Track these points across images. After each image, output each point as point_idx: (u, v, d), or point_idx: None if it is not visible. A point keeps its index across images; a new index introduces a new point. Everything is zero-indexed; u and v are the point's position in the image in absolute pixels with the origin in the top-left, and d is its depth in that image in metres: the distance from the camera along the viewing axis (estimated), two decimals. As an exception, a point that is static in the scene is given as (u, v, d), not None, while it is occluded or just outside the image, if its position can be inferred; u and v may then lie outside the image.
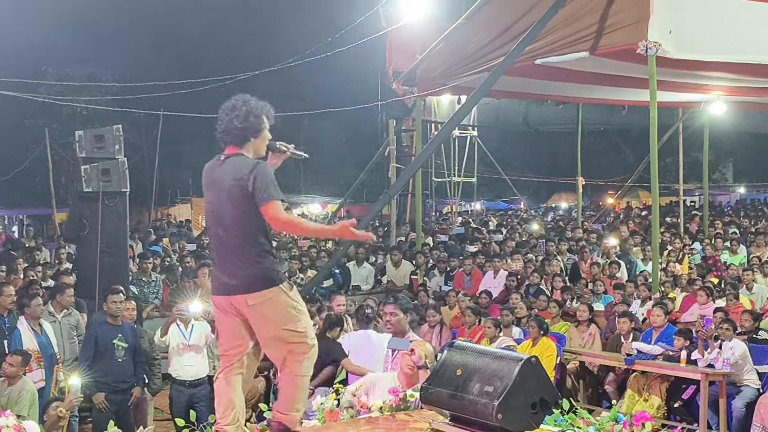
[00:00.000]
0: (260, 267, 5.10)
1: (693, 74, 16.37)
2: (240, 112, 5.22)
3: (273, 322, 5.12)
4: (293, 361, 5.18)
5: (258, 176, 5.04)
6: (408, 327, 7.90)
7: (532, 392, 5.22)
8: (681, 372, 11.03)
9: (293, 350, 5.18)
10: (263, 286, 5.08)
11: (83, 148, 13.01)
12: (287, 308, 5.14)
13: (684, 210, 26.23)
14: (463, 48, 17.05)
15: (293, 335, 5.15)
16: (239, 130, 5.22)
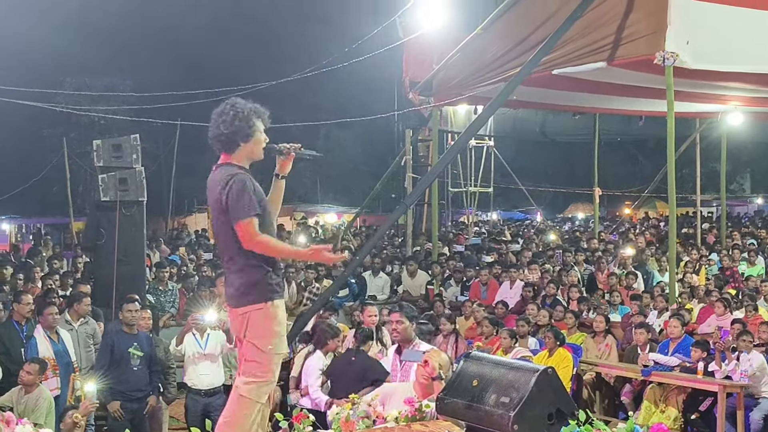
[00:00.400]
0: (247, 280, 5.05)
1: (710, 85, 16.31)
2: (227, 117, 5.12)
3: (248, 333, 5.08)
4: (245, 380, 5.09)
5: (230, 192, 4.97)
6: (414, 335, 7.87)
7: (549, 403, 5.20)
8: (698, 383, 10.97)
9: (249, 369, 5.08)
10: (248, 301, 5.05)
11: (101, 157, 13.06)
12: (264, 326, 5.05)
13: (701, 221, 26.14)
14: (480, 58, 17.04)
15: (256, 353, 5.05)
16: (226, 135, 5.13)
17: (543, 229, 30.24)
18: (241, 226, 4.92)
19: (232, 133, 5.10)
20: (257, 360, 5.04)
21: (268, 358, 5.04)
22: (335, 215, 44.33)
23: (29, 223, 43.51)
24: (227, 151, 5.16)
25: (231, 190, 4.95)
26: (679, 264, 17.51)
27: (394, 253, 21.17)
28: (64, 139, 29.31)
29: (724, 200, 25.75)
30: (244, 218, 4.92)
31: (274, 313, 5.07)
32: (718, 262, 19.06)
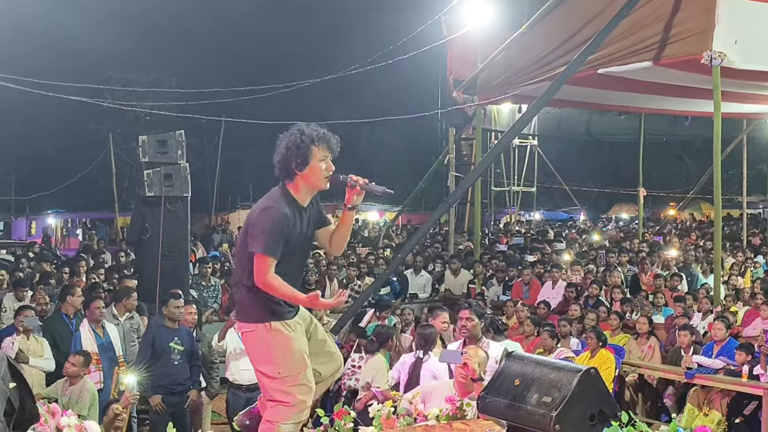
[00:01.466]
0: (252, 298, 4.98)
1: (758, 85, 16.14)
2: (283, 144, 5.04)
3: (251, 355, 5.10)
4: (270, 404, 5.02)
5: (257, 222, 4.92)
6: (481, 333, 7.85)
7: (591, 404, 5.17)
8: (742, 387, 10.85)
9: (271, 393, 5.02)
10: (249, 319, 5.02)
11: (146, 153, 13.17)
12: (264, 347, 4.99)
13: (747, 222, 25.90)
14: (525, 57, 16.99)
15: (267, 379, 5.01)
16: (281, 164, 5.04)
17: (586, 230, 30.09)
18: (258, 260, 4.87)
19: (287, 160, 5.02)
20: (272, 386, 5.00)
21: (283, 383, 4.97)
22: (377, 213, 44.38)
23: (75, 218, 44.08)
24: (285, 179, 5.07)
25: (259, 219, 4.91)
26: (724, 266, 17.34)
27: (436, 252, 21.16)
28: (110, 135, 29.62)
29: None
30: (262, 253, 4.86)
31: (280, 337, 4.99)
32: (764, 265, 18.87)
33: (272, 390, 4.96)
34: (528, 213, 39.95)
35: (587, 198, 42.19)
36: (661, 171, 42.63)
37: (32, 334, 10.19)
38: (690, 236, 26.34)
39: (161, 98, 33.03)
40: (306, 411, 5.01)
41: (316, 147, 5.03)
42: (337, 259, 18.58)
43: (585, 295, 15.20)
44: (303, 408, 4.98)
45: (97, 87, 24.42)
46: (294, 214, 4.99)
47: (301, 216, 5.07)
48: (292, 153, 4.97)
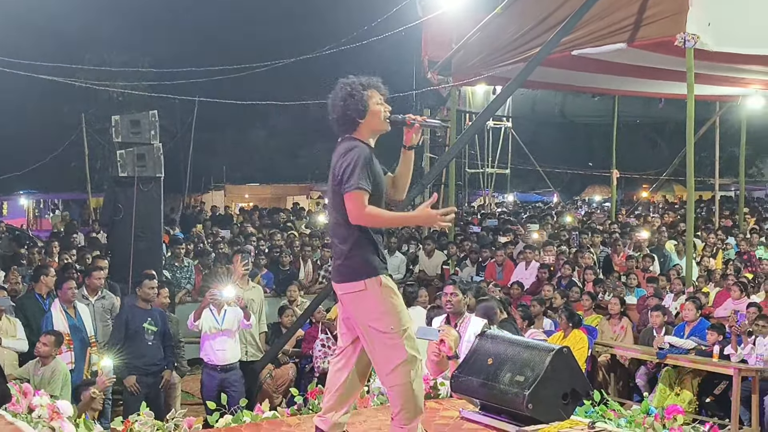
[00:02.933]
0: (352, 256, 4.88)
1: (731, 67, 16.21)
2: (338, 97, 5.00)
3: (359, 317, 4.89)
4: (387, 369, 4.85)
5: (344, 163, 4.85)
6: (465, 308, 7.89)
7: (564, 383, 5.21)
8: (713, 367, 10.95)
9: (387, 354, 4.86)
10: (350, 278, 4.87)
11: (119, 133, 13.10)
12: (374, 304, 4.84)
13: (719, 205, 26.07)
14: (499, 38, 16.98)
15: (381, 335, 4.83)
16: (342, 117, 5.00)
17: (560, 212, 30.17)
18: (350, 197, 4.80)
19: (347, 113, 4.99)
20: (384, 345, 4.85)
21: (396, 340, 4.83)
22: (352, 194, 44.24)
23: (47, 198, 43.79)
24: (348, 131, 5.03)
25: (346, 160, 4.85)
26: (696, 247, 17.46)
27: (410, 233, 21.18)
28: (83, 115, 29.40)
29: (743, 184, 25.62)
30: (354, 190, 4.79)
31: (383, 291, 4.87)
32: (735, 246, 19.00)
33: (386, 350, 4.82)
34: (502, 195, 40.03)
35: (561, 180, 42.31)
36: (634, 153, 42.73)
37: (5, 314, 10.13)
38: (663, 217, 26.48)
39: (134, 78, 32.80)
40: (420, 365, 4.92)
41: (369, 92, 5.04)
42: (311, 240, 18.56)
43: (558, 275, 15.27)
44: (418, 361, 4.89)
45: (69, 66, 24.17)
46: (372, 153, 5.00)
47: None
48: (350, 103, 4.96)
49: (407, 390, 4.81)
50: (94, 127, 30.92)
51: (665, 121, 35.27)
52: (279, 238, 19.53)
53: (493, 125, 24.94)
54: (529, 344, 5.59)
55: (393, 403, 4.88)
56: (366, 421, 5.46)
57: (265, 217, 27.63)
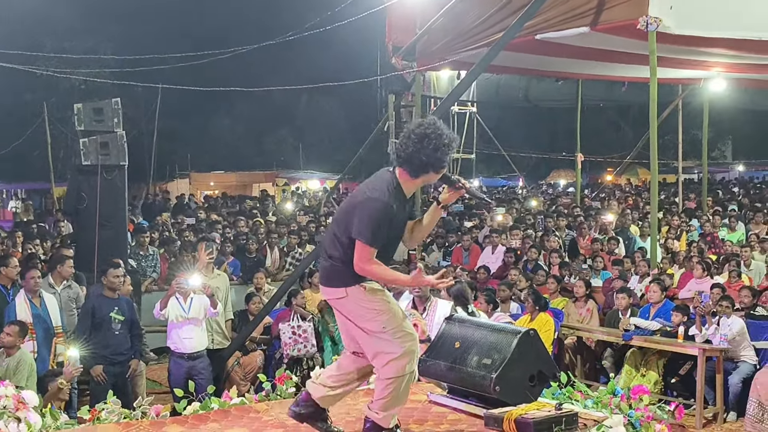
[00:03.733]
0: (344, 268, 4.94)
1: (693, 50, 16.33)
2: (431, 145, 4.87)
3: (350, 320, 5.02)
4: (381, 362, 4.96)
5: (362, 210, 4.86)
6: (429, 293, 7.92)
7: (531, 365, 5.23)
8: (678, 347, 11.04)
9: (375, 351, 4.97)
10: (343, 284, 4.96)
11: (82, 121, 12.98)
12: (363, 306, 4.94)
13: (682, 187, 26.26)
14: (463, 23, 16.98)
15: (373, 337, 4.95)
16: (423, 161, 4.91)
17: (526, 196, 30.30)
18: (361, 247, 4.84)
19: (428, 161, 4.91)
20: (379, 342, 4.95)
21: (387, 337, 4.93)
22: (318, 181, 44.27)
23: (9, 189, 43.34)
24: (412, 174, 4.98)
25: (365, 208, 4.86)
26: (660, 230, 17.59)
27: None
28: (45, 104, 29.11)
29: (706, 167, 25.84)
30: (366, 244, 4.83)
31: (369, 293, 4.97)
32: (699, 228, 19.16)
33: (379, 346, 4.93)
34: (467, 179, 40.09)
35: (526, 164, 42.48)
36: (598, 137, 42.98)
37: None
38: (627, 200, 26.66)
39: (96, 66, 32.51)
40: (415, 359, 5.00)
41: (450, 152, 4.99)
42: (278, 228, 18.51)
43: (524, 259, 15.34)
44: (412, 356, 4.96)
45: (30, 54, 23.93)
46: (396, 205, 4.94)
47: (404, 207, 5.05)
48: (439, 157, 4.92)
49: (397, 384, 4.92)
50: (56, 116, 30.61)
51: (629, 104, 35.50)
52: (243, 225, 19.48)
53: (457, 110, 24.91)
54: (495, 327, 5.61)
55: (378, 391, 4.98)
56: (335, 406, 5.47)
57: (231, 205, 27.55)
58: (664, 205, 23.64)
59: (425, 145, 4.84)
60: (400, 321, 4.99)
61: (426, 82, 22.62)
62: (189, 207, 28.07)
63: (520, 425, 4.75)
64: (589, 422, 4.92)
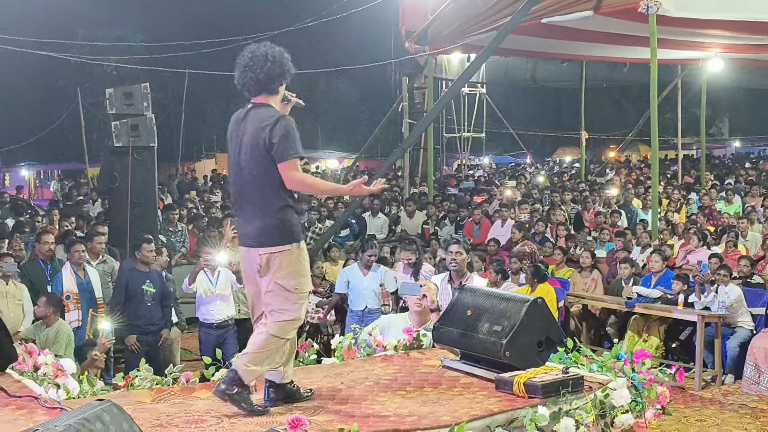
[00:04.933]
0: (276, 221, 4.75)
1: (692, 32, 16.24)
2: (271, 59, 4.80)
3: (271, 274, 4.77)
4: (275, 319, 4.79)
5: (279, 131, 4.68)
6: (465, 267, 7.86)
7: (538, 331, 5.22)
8: (678, 314, 11.03)
9: (278, 307, 4.78)
10: (275, 242, 4.75)
11: (113, 105, 13.00)
12: (290, 266, 4.76)
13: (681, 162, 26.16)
14: (472, 8, 16.94)
15: (283, 293, 4.76)
16: (265, 77, 4.81)
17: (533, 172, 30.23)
18: (288, 165, 4.68)
19: (276, 75, 4.82)
20: (285, 299, 4.78)
21: (295, 297, 4.79)
22: (336, 160, 44.25)
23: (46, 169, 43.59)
24: (267, 93, 4.85)
25: (279, 130, 4.67)
26: (661, 203, 17.53)
27: (392, 195, 21.17)
28: (78, 89, 29.19)
29: (704, 143, 25.71)
30: (291, 158, 4.69)
31: (299, 255, 4.82)
32: (698, 201, 19.09)
33: (283, 304, 4.77)
34: (478, 157, 40.02)
35: (533, 142, 42.30)
36: (601, 115, 42.79)
37: (11, 279, 10.11)
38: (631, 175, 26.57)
39: (127, 53, 32.53)
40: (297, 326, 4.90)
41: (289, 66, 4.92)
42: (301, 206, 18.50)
43: (532, 232, 15.31)
44: (298, 323, 4.88)
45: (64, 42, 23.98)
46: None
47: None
48: (278, 66, 4.83)
49: (278, 344, 4.78)
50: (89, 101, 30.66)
51: (630, 84, 35.30)
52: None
53: (468, 91, 24.85)
54: (505, 296, 5.60)
55: (256, 344, 4.79)
56: (354, 371, 5.47)
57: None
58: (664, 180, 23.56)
59: (259, 63, 4.77)
60: (309, 288, 4.93)
61: (438, 64, 22.59)
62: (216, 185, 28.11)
63: (530, 388, 4.75)
64: (594, 385, 4.92)
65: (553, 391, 4.72)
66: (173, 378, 5.36)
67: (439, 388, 5.10)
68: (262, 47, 4.86)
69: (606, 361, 5.22)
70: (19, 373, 5.22)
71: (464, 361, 5.48)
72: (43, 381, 5.05)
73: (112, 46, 31.64)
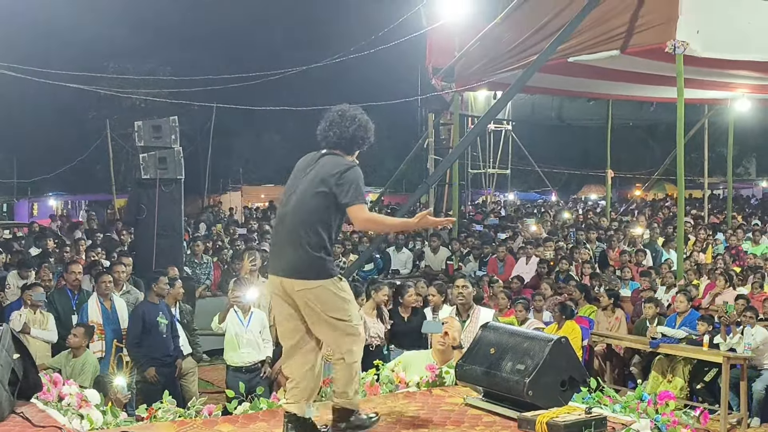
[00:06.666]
0: (314, 257, 4.93)
1: (719, 72, 16.21)
2: (357, 123, 5.16)
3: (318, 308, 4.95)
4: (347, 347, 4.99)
5: (352, 176, 4.97)
6: (472, 300, 7.93)
7: (562, 371, 5.21)
8: (703, 355, 10.94)
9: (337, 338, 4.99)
10: (319, 276, 4.94)
11: (142, 137, 13.16)
12: (333, 298, 4.95)
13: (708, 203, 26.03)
14: (499, 46, 17.00)
15: (337, 323, 4.96)
16: (351, 137, 5.15)
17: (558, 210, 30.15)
18: (359, 208, 4.97)
19: (354, 137, 5.15)
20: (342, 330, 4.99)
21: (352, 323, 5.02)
22: (361, 195, 44.13)
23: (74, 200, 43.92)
24: (345, 151, 5.17)
25: (352, 176, 4.98)
26: (687, 243, 17.44)
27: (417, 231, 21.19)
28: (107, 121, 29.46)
29: (731, 183, 25.56)
30: (360, 203, 4.99)
31: (340, 286, 5.02)
32: (724, 242, 18.97)
33: (344, 332, 5.00)
34: (503, 194, 40.00)
35: (558, 179, 42.28)
36: (627, 154, 42.69)
37: (39, 309, 10.20)
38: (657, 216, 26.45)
39: (156, 86, 32.86)
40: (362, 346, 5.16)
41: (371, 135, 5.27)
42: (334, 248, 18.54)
43: (556, 270, 15.27)
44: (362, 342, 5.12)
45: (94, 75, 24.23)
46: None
47: None
48: (363, 130, 5.17)
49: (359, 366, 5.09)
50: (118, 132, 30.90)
51: (657, 123, 35.27)
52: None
53: (494, 128, 24.93)
54: (528, 335, 5.60)
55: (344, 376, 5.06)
56: (376, 408, 5.47)
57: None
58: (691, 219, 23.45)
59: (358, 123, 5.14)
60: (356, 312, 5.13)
61: (464, 101, 22.67)
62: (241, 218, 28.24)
63: (552, 428, 4.73)
64: (617, 426, 4.89)
65: (576, 431, 4.70)
66: (196, 411, 5.37)
67: (461, 426, 5.09)
68: (353, 110, 5.21)
69: (629, 401, 5.19)
70: (44, 403, 5.25)
71: (487, 399, 5.48)
72: (67, 411, 5.07)
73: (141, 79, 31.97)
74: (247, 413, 5.47)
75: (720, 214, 26.22)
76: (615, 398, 5.32)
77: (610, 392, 5.41)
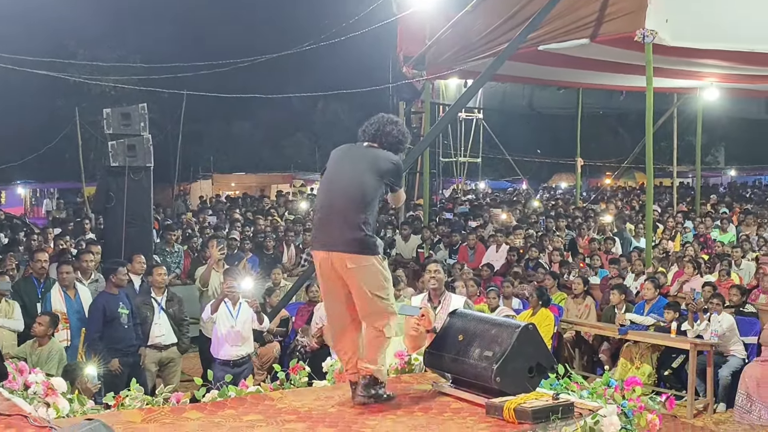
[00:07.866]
0: (366, 235, 5.30)
1: (688, 61, 16.30)
2: (402, 129, 5.75)
3: (365, 286, 5.29)
4: (378, 324, 5.37)
5: (396, 168, 5.58)
6: (444, 286, 7.97)
7: (529, 357, 5.23)
8: (671, 342, 11.04)
9: (377, 314, 5.35)
10: (366, 252, 5.30)
11: (110, 125, 13.05)
12: (379, 276, 5.34)
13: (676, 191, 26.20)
14: (470, 34, 16.99)
15: (379, 300, 5.32)
16: (397, 140, 5.68)
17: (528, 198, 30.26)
18: (402, 193, 5.85)
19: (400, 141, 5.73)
20: (381, 306, 5.36)
21: (389, 302, 5.41)
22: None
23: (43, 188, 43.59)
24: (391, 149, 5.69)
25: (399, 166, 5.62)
26: (655, 231, 17.56)
27: (388, 219, 21.20)
28: (77, 109, 29.22)
29: (699, 171, 25.77)
30: (403, 188, 5.82)
31: (386, 266, 5.48)
32: (693, 230, 19.12)
33: (385, 310, 5.39)
34: (474, 182, 40.09)
35: (529, 168, 42.36)
36: (597, 142, 42.89)
37: (4, 297, 10.10)
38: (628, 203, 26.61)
39: (125, 73, 32.59)
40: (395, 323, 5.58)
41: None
42: (294, 226, 18.54)
43: (525, 258, 15.33)
44: (396, 320, 5.53)
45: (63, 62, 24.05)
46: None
47: None
48: (406, 139, 5.78)
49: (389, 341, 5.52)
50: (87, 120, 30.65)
51: (627, 112, 35.45)
52: (262, 223, 19.52)
53: (465, 116, 24.98)
54: (496, 321, 5.62)
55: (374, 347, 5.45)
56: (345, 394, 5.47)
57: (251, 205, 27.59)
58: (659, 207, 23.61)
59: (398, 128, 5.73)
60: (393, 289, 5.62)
61: (435, 90, 22.69)
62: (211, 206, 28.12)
63: (520, 413, 4.75)
64: (584, 411, 4.92)
65: (543, 417, 4.73)
66: (164, 398, 5.35)
67: (429, 413, 5.10)
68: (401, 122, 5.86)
69: (596, 387, 5.22)
70: (9, 392, 5.20)
71: (455, 385, 5.49)
72: (33, 400, 5.04)
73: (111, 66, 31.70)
74: (215, 401, 5.45)
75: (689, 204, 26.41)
76: (582, 384, 5.35)
77: (578, 378, 5.44)
